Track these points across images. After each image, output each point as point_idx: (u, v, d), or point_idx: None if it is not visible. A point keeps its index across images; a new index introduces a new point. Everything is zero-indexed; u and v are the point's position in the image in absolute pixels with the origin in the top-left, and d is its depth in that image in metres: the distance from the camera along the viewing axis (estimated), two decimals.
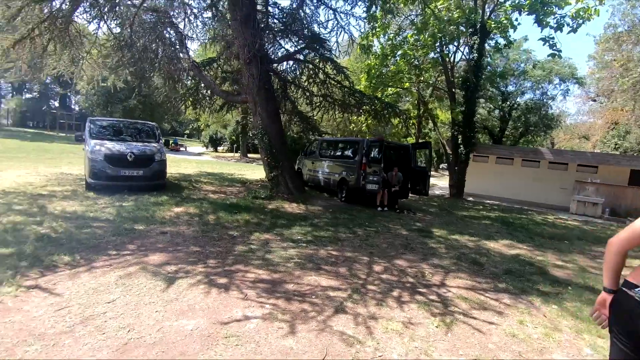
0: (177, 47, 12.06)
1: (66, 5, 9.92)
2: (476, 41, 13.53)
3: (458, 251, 6.07)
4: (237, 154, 29.16)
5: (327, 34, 11.13)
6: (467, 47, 14.76)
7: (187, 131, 47.75)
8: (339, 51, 12.29)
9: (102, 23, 11.27)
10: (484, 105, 23.10)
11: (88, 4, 10.41)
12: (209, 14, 11.72)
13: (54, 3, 9.84)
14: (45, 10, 9.86)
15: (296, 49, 10.83)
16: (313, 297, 3.66)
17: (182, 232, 5.59)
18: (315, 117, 12.39)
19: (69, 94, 36.39)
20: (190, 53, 12.69)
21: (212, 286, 3.68)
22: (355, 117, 14.77)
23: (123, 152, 8.06)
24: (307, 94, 12.33)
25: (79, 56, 11.63)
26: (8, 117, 29.34)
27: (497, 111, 24.35)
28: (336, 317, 3.27)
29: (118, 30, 11.60)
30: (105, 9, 10.60)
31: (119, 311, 3.05)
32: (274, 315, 3.19)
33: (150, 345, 2.60)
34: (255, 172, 17.22)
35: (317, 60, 10.76)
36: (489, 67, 16.91)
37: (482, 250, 6.28)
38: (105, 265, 4.03)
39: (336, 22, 10.99)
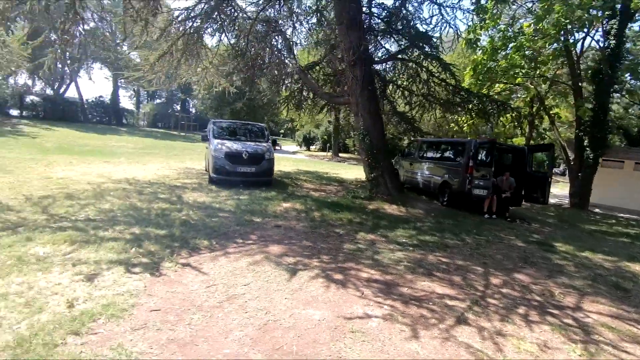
0: (284, 53, 12.97)
1: (197, 23, 11.45)
2: (614, 25, 11.47)
3: (592, 271, 5.26)
4: (329, 153, 30.02)
5: (430, 30, 10.65)
6: (599, 34, 12.63)
7: (282, 131, 50.79)
8: (442, 47, 11.71)
9: (222, 36, 12.77)
10: (618, 100, 19.43)
11: (212, 19, 11.84)
12: (314, 20, 12.30)
13: (187, 22, 11.46)
14: (181, 29, 11.56)
15: (399, 48, 10.65)
16: (430, 303, 3.59)
17: (293, 227, 6.00)
18: (413, 117, 12.04)
19: (187, 98, 41.96)
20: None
21: (330, 281, 3.88)
22: (458, 117, 13.89)
23: (240, 150, 9.00)
24: (407, 93, 12.06)
25: (203, 66, 13.32)
26: (144, 119, 35.26)
27: (637, 107, 20.24)
28: (459, 328, 3.15)
29: (233, 41, 12.91)
30: (226, 23, 11.92)
31: (255, 294, 3.43)
32: (394, 317, 3.22)
33: (287, 329, 2.87)
34: (348, 171, 17.49)
35: (421, 58, 10.41)
36: (629, 55, 14.14)
37: (625, 274, 5.33)
38: (236, 251, 4.57)
39: (441, 17, 10.49)
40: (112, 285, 3.30)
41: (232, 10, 11.64)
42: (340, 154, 30.44)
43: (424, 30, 10.36)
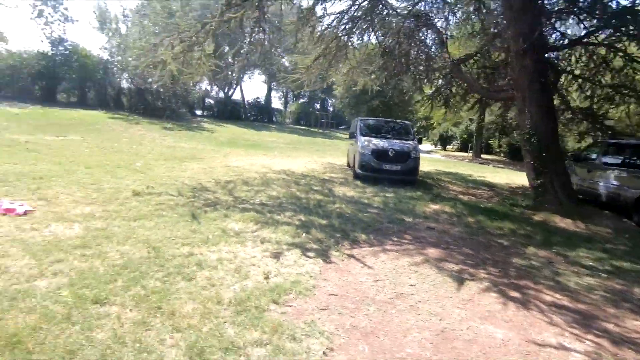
0: (432, 48, 12.40)
1: (348, 25, 11.94)
2: None
3: None
4: (469, 154, 27.51)
5: (630, 3, 8.38)
6: None
7: (415, 129, 49.09)
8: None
9: (371, 35, 13.01)
10: None
11: (363, 20, 12.13)
12: (471, 9, 11.30)
13: (340, 26, 12.08)
14: (334, 32, 12.26)
15: (586, 30, 8.78)
16: None
17: (447, 231, 5.66)
18: (602, 114, 9.84)
19: (326, 98, 44.70)
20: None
21: (505, 298, 3.47)
22: None
23: (386, 148, 9.03)
24: (586, 85, 9.93)
25: (350, 65, 13.85)
26: (290, 117, 39.35)
27: None
28: None
29: (381, 39, 12.94)
30: (376, 22, 12.06)
31: (424, 297, 3.33)
32: (604, 358, 2.64)
33: (467, 342, 2.68)
34: (496, 175, 15.62)
35: (617, 40, 8.35)
36: None
37: None
38: (393, 249, 4.57)
39: None
40: (293, 265, 3.71)
41: (383, 8, 11.70)
42: (482, 156, 27.51)
43: (624, 4, 8.26)
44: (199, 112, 31.13)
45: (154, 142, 14.46)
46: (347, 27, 11.78)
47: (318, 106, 45.59)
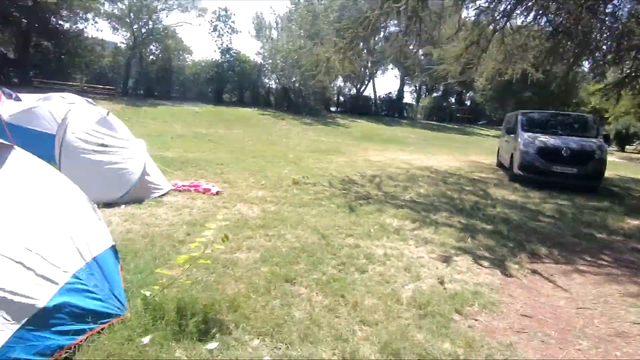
0: (626, 21, 9.84)
1: (509, 6, 10.41)
2: None
3: None
4: None
5: None
6: None
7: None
8: None
9: (537, 14, 11.08)
10: None
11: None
12: None
13: (499, 6, 10.63)
14: (491, 15, 10.89)
15: None
16: None
17: None
18: None
19: (463, 91, 41.05)
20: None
21: None
22: None
23: (558, 146, 7.56)
24: None
25: (506, 50, 12.11)
26: (421, 112, 37.61)
27: None
28: None
29: (551, 17, 10.90)
30: None
31: None
32: None
33: None
34: None
35: None
36: None
37: None
38: (590, 271, 3.69)
39: None
40: (467, 273, 3.35)
41: None
42: None
43: None
44: (333, 108, 32.68)
45: (298, 135, 15.78)
46: (508, 7, 10.34)
47: (453, 100, 42.34)
